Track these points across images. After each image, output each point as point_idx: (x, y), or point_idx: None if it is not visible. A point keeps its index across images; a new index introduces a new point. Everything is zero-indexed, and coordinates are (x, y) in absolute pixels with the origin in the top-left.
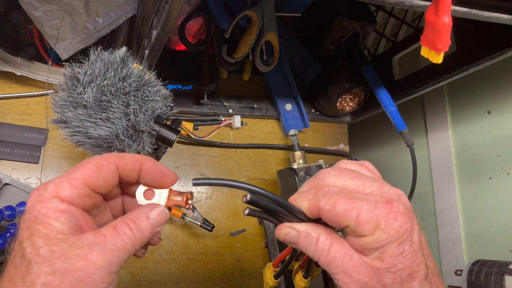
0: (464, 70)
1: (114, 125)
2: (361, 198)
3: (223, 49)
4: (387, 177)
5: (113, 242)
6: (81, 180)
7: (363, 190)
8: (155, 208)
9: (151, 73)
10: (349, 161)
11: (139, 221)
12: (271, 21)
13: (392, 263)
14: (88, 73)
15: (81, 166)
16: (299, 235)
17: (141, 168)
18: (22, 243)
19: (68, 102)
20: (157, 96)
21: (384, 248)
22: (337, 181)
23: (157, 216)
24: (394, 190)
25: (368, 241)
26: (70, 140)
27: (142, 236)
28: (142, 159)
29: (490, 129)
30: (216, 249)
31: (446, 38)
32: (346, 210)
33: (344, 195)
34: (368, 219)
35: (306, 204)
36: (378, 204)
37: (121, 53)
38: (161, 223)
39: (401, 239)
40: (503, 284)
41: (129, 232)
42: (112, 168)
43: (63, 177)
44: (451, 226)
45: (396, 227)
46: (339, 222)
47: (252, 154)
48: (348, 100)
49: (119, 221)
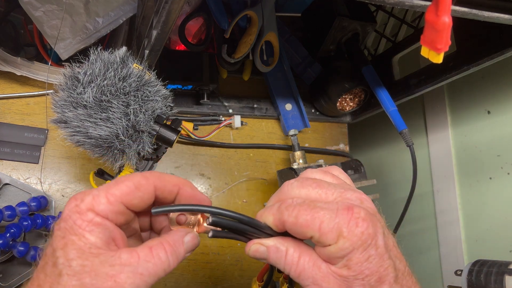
0: (464, 70)
1: (114, 125)
2: (323, 207)
3: (223, 49)
4: (387, 177)
5: (145, 265)
6: (118, 197)
7: (325, 199)
8: (190, 232)
9: (151, 73)
10: (314, 169)
11: (177, 245)
12: (271, 21)
13: (359, 270)
14: (88, 73)
15: (120, 182)
16: (268, 250)
17: (179, 192)
18: (55, 251)
19: (68, 102)
20: (157, 96)
21: (349, 256)
22: (300, 192)
23: (190, 241)
24: (356, 195)
25: (333, 250)
26: (70, 140)
27: (176, 261)
28: (181, 183)
29: (490, 129)
30: (216, 249)
31: (446, 38)
32: (308, 221)
33: (306, 206)
34: (330, 228)
35: (271, 219)
36: (339, 212)
37: (121, 53)
38: (193, 249)
39: (365, 245)
40: (503, 284)
41: (163, 257)
42: (151, 189)
43: (101, 190)
44: (451, 226)
45: (358, 234)
46: (303, 233)
47: (252, 154)
48: (348, 100)
49: (156, 242)
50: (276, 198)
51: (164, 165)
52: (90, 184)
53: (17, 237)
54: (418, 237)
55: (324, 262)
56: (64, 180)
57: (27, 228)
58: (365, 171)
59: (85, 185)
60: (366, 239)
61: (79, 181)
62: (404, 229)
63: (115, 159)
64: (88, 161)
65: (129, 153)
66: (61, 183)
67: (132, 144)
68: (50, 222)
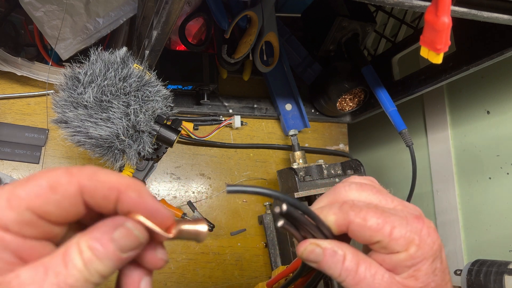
0: (464, 70)
1: (115, 125)
2: (392, 213)
3: (223, 49)
4: (387, 177)
5: (53, 281)
6: (24, 201)
7: (385, 205)
8: (121, 227)
9: (151, 73)
10: (361, 176)
11: (100, 243)
12: (271, 21)
13: (426, 282)
14: (89, 73)
15: (31, 180)
16: (324, 253)
17: (119, 198)
18: None
19: (69, 102)
20: (158, 96)
21: (418, 266)
22: (360, 195)
23: (123, 238)
24: (415, 206)
25: (402, 257)
26: (70, 140)
27: (102, 268)
28: (123, 186)
29: (490, 129)
30: (216, 249)
31: (446, 39)
32: (380, 224)
33: (374, 209)
34: (402, 234)
35: (333, 218)
36: (409, 220)
37: (122, 53)
38: (131, 248)
39: (434, 256)
40: (503, 283)
41: (79, 264)
42: (72, 191)
43: (4, 191)
44: (451, 226)
45: (430, 243)
46: (369, 237)
47: (252, 154)
48: (348, 100)
49: (71, 243)
50: (331, 198)
51: (164, 165)
52: None
53: None
54: None
55: (387, 272)
56: None
57: None
58: (365, 171)
59: None
60: (436, 250)
61: None
62: None
63: (115, 159)
64: (89, 161)
65: (130, 153)
66: None
67: (133, 144)
68: None
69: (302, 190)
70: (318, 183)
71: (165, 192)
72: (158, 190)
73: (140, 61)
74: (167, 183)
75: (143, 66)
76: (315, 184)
